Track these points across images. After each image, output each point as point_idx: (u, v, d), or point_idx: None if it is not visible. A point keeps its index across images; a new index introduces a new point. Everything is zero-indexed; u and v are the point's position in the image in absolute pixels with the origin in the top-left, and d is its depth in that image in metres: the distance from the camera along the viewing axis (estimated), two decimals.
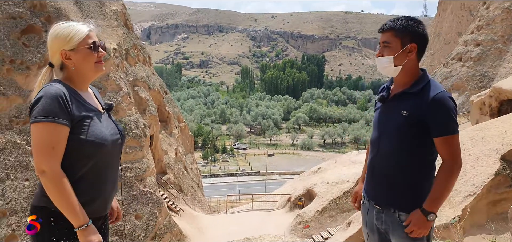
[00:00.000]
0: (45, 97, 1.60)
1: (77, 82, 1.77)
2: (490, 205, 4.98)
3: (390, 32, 2.01)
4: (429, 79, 2.00)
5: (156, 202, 11.84)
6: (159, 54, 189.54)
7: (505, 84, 10.40)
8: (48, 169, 1.58)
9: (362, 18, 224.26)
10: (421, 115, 1.91)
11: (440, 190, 1.92)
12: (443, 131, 1.89)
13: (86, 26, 1.77)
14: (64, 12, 9.72)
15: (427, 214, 1.92)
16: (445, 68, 26.56)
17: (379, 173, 2.10)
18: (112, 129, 1.83)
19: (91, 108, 1.77)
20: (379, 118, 2.14)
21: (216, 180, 51.97)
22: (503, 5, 23.44)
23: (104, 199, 1.79)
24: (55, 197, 1.59)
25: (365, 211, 2.22)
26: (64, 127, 1.62)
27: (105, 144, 1.72)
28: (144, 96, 15.04)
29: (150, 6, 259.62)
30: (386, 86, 2.19)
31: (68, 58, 1.73)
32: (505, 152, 4.84)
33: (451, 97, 1.93)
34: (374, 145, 2.14)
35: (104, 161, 1.75)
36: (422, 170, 2.00)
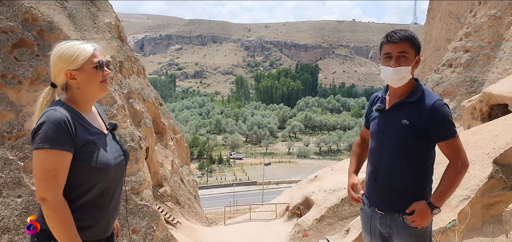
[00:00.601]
0: (47, 122, 1.56)
1: (81, 103, 1.74)
2: (484, 208, 5.03)
3: (407, 43, 2.05)
4: (423, 89, 2.11)
5: (153, 215, 11.74)
6: (152, 65, 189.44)
7: (494, 89, 10.56)
8: (50, 198, 1.54)
9: (353, 27, 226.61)
10: (421, 124, 2.01)
11: (446, 186, 2.03)
12: (445, 135, 2.02)
13: (91, 45, 1.75)
14: (57, 25, 9.72)
15: (433, 208, 2.02)
16: (436, 74, 26.89)
17: (383, 181, 2.16)
18: (116, 151, 1.80)
19: (95, 131, 1.73)
20: (379, 128, 2.20)
21: (213, 191, 51.69)
22: (489, 13, 23.90)
23: (106, 222, 1.76)
24: (54, 226, 1.56)
25: (367, 217, 2.28)
26: (67, 153, 1.58)
27: (108, 170, 1.69)
28: (139, 109, 15.01)
29: (143, 18, 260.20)
30: (381, 97, 2.25)
31: (73, 78, 1.70)
32: (497, 155, 4.91)
33: (446, 104, 2.05)
34: (375, 154, 2.20)
35: (107, 186, 1.72)
36: (422, 174, 2.09)
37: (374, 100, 2.33)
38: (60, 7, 10.22)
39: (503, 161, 4.85)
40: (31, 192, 7.24)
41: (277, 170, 65.13)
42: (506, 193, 4.69)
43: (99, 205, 1.70)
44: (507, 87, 9.81)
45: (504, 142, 4.97)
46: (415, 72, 2.22)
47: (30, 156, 7.51)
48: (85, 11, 12.42)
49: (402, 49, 2.04)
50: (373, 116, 2.26)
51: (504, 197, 4.68)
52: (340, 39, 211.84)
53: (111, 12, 15.46)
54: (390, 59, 2.06)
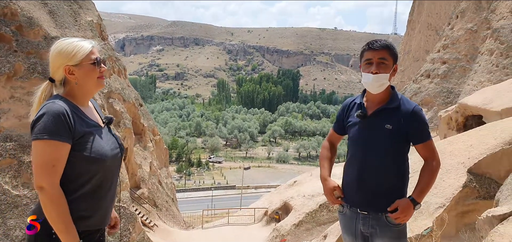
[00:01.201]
0: (47, 114, 1.62)
1: (78, 98, 1.80)
2: (459, 216, 5.20)
3: (387, 51, 2.17)
4: (400, 95, 2.26)
5: (129, 217, 11.52)
6: (133, 66, 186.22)
7: (469, 100, 10.98)
8: (47, 186, 1.59)
9: (335, 35, 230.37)
10: (403, 127, 2.16)
11: (425, 184, 2.21)
12: (423, 138, 2.20)
13: (89, 42, 1.81)
14: (37, 21, 9.45)
15: (415, 204, 2.17)
16: (414, 84, 27.68)
17: (368, 183, 2.24)
18: (113, 143, 1.85)
19: (92, 123, 1.79)
20: (361, 134, 2.27)
21: (191, 194, 51.14)
22: (466, 26, 24.86)
23: (104, 212, 1.82)
24: (50, 214, 1.61)
25: (348, 219, 2.35)
26: (66, 144, 1.64)
27: (105, 160, 1.75)
28: (119, 109, 14.74)
29: (125, 17, 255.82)
30: (359, 103, 2.33)
31: (72, 73, 1.76)
32: (472, 165, 5.09)
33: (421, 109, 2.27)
34: (359, 158, 2.27)
35: (104, 176, 1.77)
36: (402, 175, 2.25)
37: (349, 106, 2.39)
38: (40, 3, 9.94)
39: (477, 171, 5.04)
40: (4, 190, 6.98)
41: (256, 175, 65.15)
42: (479, 202, 4.87)
43: (97, 195, 1.75)
44: (482, 99, 10.22)
45: (478, 152, 5.16)
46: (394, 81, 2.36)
47: (3, 154, 7.25)
48: (67, 9, 12.13)
49: (382, 56, 2.16)
50: (352, 122, 2.32)
51: (477, 205, 4.85)
52: (321, 46, 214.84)
53: (93, 11, 15.17)
54: (371, 65, 2.16)
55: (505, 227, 3.34)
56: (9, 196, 6.91)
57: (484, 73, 22.02)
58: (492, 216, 3.68)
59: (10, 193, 6.96)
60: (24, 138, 7.61)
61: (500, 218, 3.56)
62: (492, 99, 9.73)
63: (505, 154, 4.95)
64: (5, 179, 7.06)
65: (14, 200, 6.87)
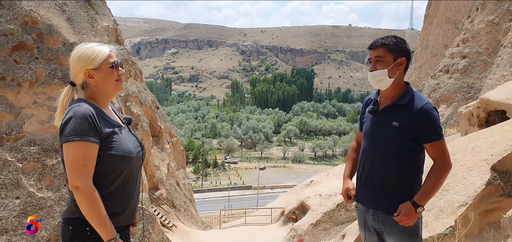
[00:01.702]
0: (74, 117, 1.69)
1: (99, 100, 1.87)
2: (482, 215, 5.07)
3: (383, 48, 2.20)
4: (414, 92, 2.22)
5: (149, 218, 11.70)
6: (148, 69, 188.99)
7: (492, 95, 10.67)
8: (82, 185, 1.67)
9: (349, 32, 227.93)
10: (411, 125, 2.12)
11: (430, 186, 2.14)
12: (431, 137, 2.13)
13: (107, 47, 1.89)
14: (56, 28, 9.70)
15: (417, 207, 2.12)
16: (432, 80, 27.11)
17: (376, 180, 2.26)
18: (134, 141, 1.93)
19: (115, 124, 1.87)
20: (371, 129, 2.30)
21: (208, 195, 51.52)
22: (487, 19, 24.17)
23: (132, 208, 1.91)
24: (87, 212, 1.68)
25: (361, 214, 2.39)
26: (95, 144, 1.71)
27: (131, 157, 1.83)
28: (136, 112, 14.99)
29: (140, 21, 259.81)
30: (374, 99, 2.36)
31: (91, 77, 1.83)
32: (495, 162, 4.95)
33: (435, 107, 2.18)
34: (369, 153, 2.30)
35: (131, 173, 1.85)
36: (412, 174, 2.20)
37: (367, 103, 2.42)
38: (59, 10, 10.21)
39: (501, 168, 4.90)
40: (29, 193, 7.21)
41: (272, 175, 65.10)
42: (504, 199, 4.74)
43: (126, 192, 1.84)
44: (505, 93, 9.92)
45: (502, 149, 5.02)
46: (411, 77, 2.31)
47: (28, 157, 7.48)
48: (84, 15, 12.41)
49: (378, 54, 2.20)
50: (366, 118, 2.37)
51: (501, 203, 4.73)
52: (336, 44, 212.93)
53: (109, 16, 15.47)
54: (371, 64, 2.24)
55: None
56: (34, 198, 7.13)
57: (507, 66, 21.36)
58: None
59: (35, 195, 7.17)
60: (47, 142, 7.83)
61: None
62: None
63: None
64: (30, 182, 7.29)
65: (38, 202, 7.08)
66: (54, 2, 10.11)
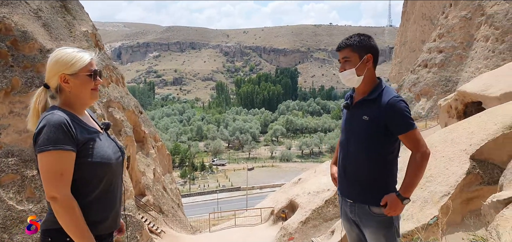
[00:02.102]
0: (48, 125, 1.64)
1: (75, 107, 1.82)
2: (464, 204, 5.19)
3: (348, 48, 2.30)
4: (384, 87, 2.30)
5: (136, 225, 11.52)
6: (130, 73, 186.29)
7: (468, 87, 10.98)
8: (59, 195, 1.63)
9: (330, 30, 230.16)
10: (379, 119, 2.20)
11: (411, 178, 2.20)
12: (402, 128, 2.19)
13: (89, 54, 1.84)
14: (32, 35, 9.44)
15: (402, 199, 2.20)
16: (412, 75, 27.67)
17: (350, 173, 2.35)
18: (114, 147, 1.89)
19: (92, 130, 1.82)
20: (346, 123, 2.43)
21: (196, 198, 51.16)
22: (460, 14, 24.87)
23: (115, 215, 1.88)
24: (65, 222, 1.64)
25: (341, 205, 2.51)
26: (71, 152, 1.66)
27: (111, 163, 1.79)
28: (119, 117, 14.74)
29: (120, 26, 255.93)
30: (350, 95, 2.48)
31: (66, 81, 1.78)
32: (474, 151, 5.09)
33: (403, 100, 2.23)
34: (343, 147, 2.42)
35: (111, 180, 1.82)
36: (384, 167, 2.27)
37: (346, 98, 2.53)
38: (34, 16, 9.94)
39: (479, 157, 5.04)
40: (9, 206, 6.98)
41: (260, 175, 65.14)
42: (484, 187, 4.87)
43: (107, 199, 1.81)
44: (480, 85, 10.22)
45: (479, 138, 5.16)
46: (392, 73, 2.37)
47: (6, 169, 7.25)
48: (61, 20, 12.13)
49: (344, 55, 2.29)
50: (343, 112, 2.50)
51: (481, 191, 4.85)
52: (318, 43, 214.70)
53: (87, 21, 15.17)
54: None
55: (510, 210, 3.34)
56: (14, 212, 6.91)
57: (481, 59, 22.02)
58: (497, 201, 3.68)
59: (15, 208, 6.96)
60: (26, 152, 7.62)
61: (505, 202, 3.56)
62: (491, 84, 9.73)
63: (507, 138, 4.96)
64: (9, 195, 7.07)
65: (19, 216, 6.87)
66: (28, 8, 9.85)
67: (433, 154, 5.83)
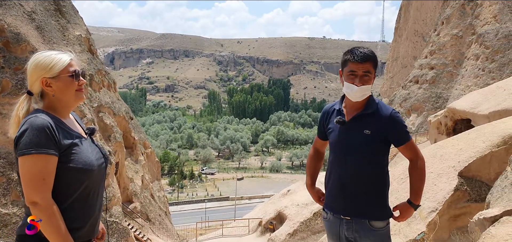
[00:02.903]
0: (31, 128, 1.60)
1: (59, 110, 1.79)
2: (451, 220, 5.23)
3: (370, 62, 2.21)
4: (377, 101, 2.31)
5: (122, 232, 11.35)
6: (123, 79, 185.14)
7: (458, 105, 11.15)
8: (41, 200, 1.59)
9: (324, 44, 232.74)
10: (381, 132, 2.21)
11: (418, 184, 2.30)
12: (403, 139, 2.25)
13: (68, 55, 1.81)
14: (24, 37, 9.36)
15: (415, 207, 2.29)
16: (403, 90, 28.03)
17: (350, 189, 2.27)
18: (97, 153, 1.85)
19: (76, 135, 1.78)
20: (340, 139, 2.29)
21: (184, 207, 50.64)
22: (451, 32, 25.40)
23: (93, 223, 1.82)
24: (46, 228, 1.60)
25: (332, 225, 2.38)
26: (53, 157, 1.63)
27: (92, 170, 1.75)
28: (109, 123, 14.61)
29: (114, 31, 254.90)
30: (339, 109, 2.36)
31: (49, 85, 1.75)
32: (462, 168, 5.14)
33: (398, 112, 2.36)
34: (339, 164, 2.30)
35: (92, 187, 1.77)
36: (382, 179, 2.29)
37: (329, 112, 2.43)
38: (28, 18, 9.86)
39: (467, 174, 5.10)
40: None
41: (249, 185, 64.85)
42: (471, 204, 4.92)
43: (86, 206, 1.76)
44: (470, 103, 10.39)
45: (468, 155, 5.22)
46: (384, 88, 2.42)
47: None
48: (54, 23, 12.05)
49: (367, 69, 2.19)
50: (332, 128, 2.36)
51: (469, 208, 4.90)
52: (311, 55, 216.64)
53: (81, 25, 15.09)
54: (355, 77, 2.18)
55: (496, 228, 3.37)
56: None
57: (471, 77, 22.44)
58: (484, 218, 3.72)
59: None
60: (13, 155, 7.48)
61: (491, 220, 3.60)
62: (480, 103, 9.91)
63: (494, 156, 5.03)
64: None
65: (3, 219, 6.72)
66: (22, 10, 9.77)
67: None
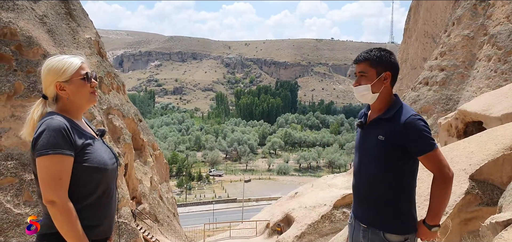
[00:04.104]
0: (48, 130, 1.66)
1: (72, 112, 1.84)
2: (462, 224, 5.16)
3: (366, 62, 2.16)
4: (401, 105, 2.15)
5: (131, 233, 11.43)
6: (131, 81, 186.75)
7: (469, 107, 11.01)
8: (58, 199, 1.64)
9: (332, 45, 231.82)
10: (396, 139, 2.04)
11: (436, 203, 2.06)
12: (422, 149, 2.02)
13: (78, 58, 1.86)
14: (36, 40, 9.50)
15: (430, 228, 2.10)
16: (413, 92, 27.77)
17: (363, 195, 2.23)
18: (109, 153, 1.91)
19: (89, 135, 1.84)
20: (359, 143, 2.27)
21: (192, 208, 50.82)
22: (462, 33, 25.06)
23: (110, 221, 1.89)
24: (62, 226, 1.65)
25: (352, 229, 2.35)
26: (69, 157, 1.68)
27: (106, 168, 1.81)
28: (118, 125, 14.74)
29: (123, 34, 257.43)
30: (364, 113, 2.32)
31: (63, 89, 1.81)
32: (473, 171, 5.08)
33: (421, 118, 2.06)
34: (356, 168, 2.27)
35: (106, 185, 1.83)
36: (400, 190, 2.10)
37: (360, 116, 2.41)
38: (39, 22, 10.03)
39: (478, 177, 5.03)
40: (6, 209, 6.95)
41: (257, 187, 64.80)
42: (483, 208, 4.85)
43: (102, 205, 1.81)
44: (481, 105, 10.25)
45: (479, 158, 5.16)
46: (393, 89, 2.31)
47: (5, 172, 7.23)
48: (65, 27, 12.22)
49: (361, 69, 2.17)
50: (357, 131, 2.36)
51: (480, 212, 4.84)
52: (319, 57, 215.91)
53: (91, 28, 15.29)
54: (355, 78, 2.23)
55: (509, 233, 3.33)
56: (10, 215, 6.87)
57: (483, 79, 22.10)
58: (496, 222, 3.67)
59: (12, 211, 6.93)
60: (25, 156, 7.60)
61: (504, 224, 3.55)
62: (492, 104, 9.76)
63: (507, 159, 4.96)
64: (6, 198, 7.03)
65: (16, 219, 6.83)
66: (34, 14, 9.94)
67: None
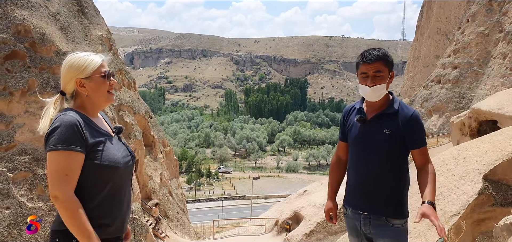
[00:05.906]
0: (61, 126, 1.67)
1: (89, 110, 1.85)
2: (474, 225, 5.09)
3: (380, 62, 2.25)
4: (399, 101, 2.34)
5: (141, 228, 11.56)
6: (142, 78, 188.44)
7: (483, 105, 10.82)
8: (61, 195, 1.63)
9: (342, 42, 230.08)
10: (401, 132, 2.23)
11: (432, 185, 2.23)
12: (420, 143, 2.26)
13: (99, 56, 1.87)
14: (49, 38, 9.64)
15: (433, 205, 2.19)
16: (425, 90, 27.40)
17: (370, 186, 2.32)
18: (124, 151, 1.89)
19: (103, 133, 1.84)
20: (360, 138, 2.34)
21: (201, 205, 51.16)
22: (477, 30, 24.57)
23: (122, 220, 1.86)
24: (68, 222, 1.65)
25: (351, 220, 2.44)
26: (79, 154, 1.68)
27: (117, 167, 1.79)
28: (129, 121, 14.90)
29: (134, 31, 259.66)
30: (360, 108, 2.40)
31: (82, 86, 1.81)
32: (487, 171, 4.99)
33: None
34: (360, 161, 2.34)
35: (119, 183, 1.82)
36: (401, 178, 2.31)
37: (349, 112, 2.48)
38: (52, 19, 10.17)
39: (492, 177, 4.95)
40: (20, 203, 7.09)
41: (266, 184, 64.88)
42: (496, 209, 4.77)
43: (114, 203, 1.80)
44: (496, 103, 10.07)
45: (493, 158, 5.07)
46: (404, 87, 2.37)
47: (19, 167, 7.37)
48: (77, 24, 12.38)
49: (377, 69, 2.23)
50: (352, 125, 2.40)
51: (494, 213, 4.75)
52: (329, 54, 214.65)
53: (102, 25, 15.45)
54: (367, 78, 2.25)
55: None
56: (24, 209, 7.01)
57: (498, 77, 21.66)
58: (510, 224, 3.61)
59: (26, 205, 7.06)
60: (38, 151, 7.73)
61: None
62: (507, 103, 9.58)
63: None
64: (20, 192, 7.17)
65: (29, 212, 6.96)
66: (47, 12, 10.08)
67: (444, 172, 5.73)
